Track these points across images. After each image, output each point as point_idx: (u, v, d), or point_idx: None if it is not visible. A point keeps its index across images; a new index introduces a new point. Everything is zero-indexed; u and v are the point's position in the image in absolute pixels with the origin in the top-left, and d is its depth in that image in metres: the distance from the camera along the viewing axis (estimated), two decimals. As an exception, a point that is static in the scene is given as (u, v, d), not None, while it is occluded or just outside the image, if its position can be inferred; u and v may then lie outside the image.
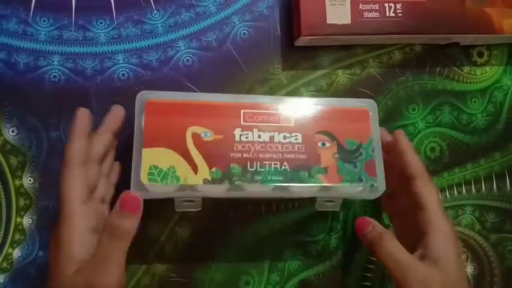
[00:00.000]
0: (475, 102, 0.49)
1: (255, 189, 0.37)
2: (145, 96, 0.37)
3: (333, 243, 0.46)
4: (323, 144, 0.38)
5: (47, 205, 0.42)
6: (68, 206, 0.33)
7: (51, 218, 0.42)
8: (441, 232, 0.36)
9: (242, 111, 0.38)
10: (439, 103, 0.49)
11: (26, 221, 0.42)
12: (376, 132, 0.39)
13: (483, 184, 0.49)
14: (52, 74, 0.42)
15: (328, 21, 0.42)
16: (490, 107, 0.49)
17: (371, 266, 0.47)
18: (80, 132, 0.35)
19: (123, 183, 0.38)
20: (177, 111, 0.37)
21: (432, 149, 0.48)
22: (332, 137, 0.39)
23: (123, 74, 0.43)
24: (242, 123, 0.38)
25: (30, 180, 0.42)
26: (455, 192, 0.49)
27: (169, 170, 0.35)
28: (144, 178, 0.35)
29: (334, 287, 0.46)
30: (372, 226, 0.38)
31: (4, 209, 0.42)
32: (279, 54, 0.46)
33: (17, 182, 0.42)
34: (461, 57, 0.49)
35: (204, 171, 0.36)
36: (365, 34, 0.43)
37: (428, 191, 0.37)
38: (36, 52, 0.42)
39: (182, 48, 0.44)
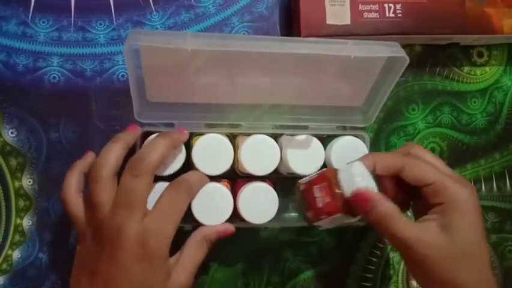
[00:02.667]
0: (474, 102, 0.49)
1: None
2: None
3: (333, 243, 0.46)
4: None
5: (46, 206, 0.42)
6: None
7: (51, 219, 0.42)
8: None
9: None
10: (439, 103, 0.48)
11: (26, 222, 0.42)
12: None
13: (483, 184, 0.49)
14: (52, 75, 0.42)
15: (327, 22, 0.42)
16: (489, 107, 0.49)
17: (371, 266, 0.47)
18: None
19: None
20: None
21: (432, 149, 0.48)
22: None
23: (122, 75, 0.43)
24: None
25: (29, 182, 0.42)
26: (455, 192, 0.49)
27: None
28: None
29: (334, 287, 0.46)
30: (373, 203, 0.34)
31: (4, 211, 0.42)
32: (278, 55, 0.46)
33: (17, 184, 0.42)
34: (461, 57, 0.49)
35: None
36: (365, 35, 0.43)
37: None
38: (35, 53, 0.42)
39: (182, 49, 0.44)
